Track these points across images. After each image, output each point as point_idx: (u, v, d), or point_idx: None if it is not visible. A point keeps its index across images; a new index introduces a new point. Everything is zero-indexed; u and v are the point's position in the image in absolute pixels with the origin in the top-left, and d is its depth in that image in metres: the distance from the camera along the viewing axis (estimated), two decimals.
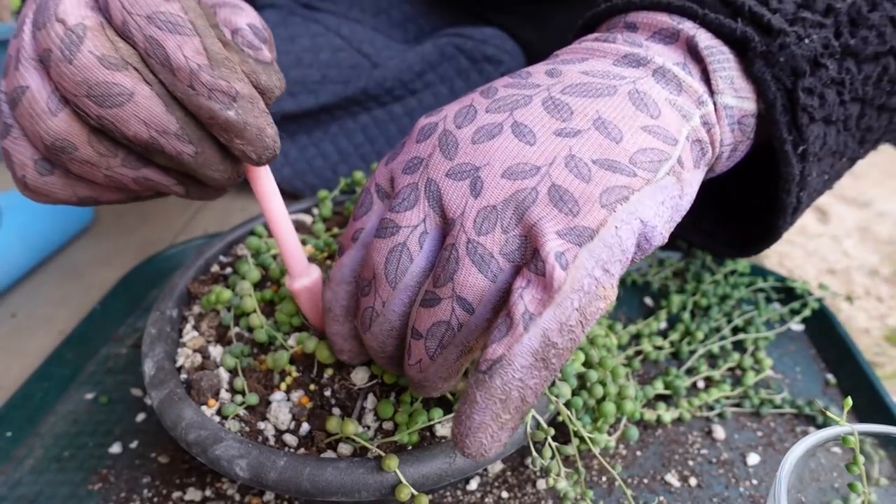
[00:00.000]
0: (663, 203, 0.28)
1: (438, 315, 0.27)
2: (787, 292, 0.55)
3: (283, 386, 0.36)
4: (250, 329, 0.39)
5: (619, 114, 0.29)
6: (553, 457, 0.35)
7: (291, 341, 0.37)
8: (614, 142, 0.28)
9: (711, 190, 0.43)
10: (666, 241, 0.28)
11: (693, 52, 0.32)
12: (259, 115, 0.28)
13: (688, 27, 0.32)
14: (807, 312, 0.52)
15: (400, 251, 0.28)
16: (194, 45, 0.26)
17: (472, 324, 0.27)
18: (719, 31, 0.32)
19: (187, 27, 0.26)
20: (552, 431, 0.34)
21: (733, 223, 0.46)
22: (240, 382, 0.36)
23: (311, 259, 0.43)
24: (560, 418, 0.35)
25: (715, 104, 0.31)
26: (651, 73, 0.31)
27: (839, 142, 0.35)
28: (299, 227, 0.48)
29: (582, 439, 0.36)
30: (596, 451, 0.36)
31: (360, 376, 0.35)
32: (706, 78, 0.32)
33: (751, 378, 0.46)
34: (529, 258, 0.26)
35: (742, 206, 0.46)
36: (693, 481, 0.41)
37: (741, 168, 0.40)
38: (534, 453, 0.34)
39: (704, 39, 0.31)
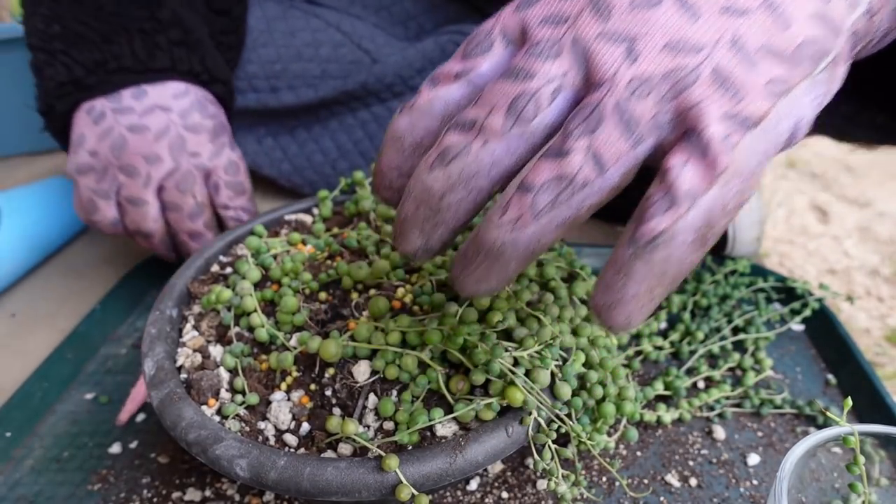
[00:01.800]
0: (814, 99, 0.27)
1: (564, 168, 0.25)
2: (788, 292, 0.55)
3: (284, 386, 0.36)
4: (250, 329, 0.39)
5: None
6: (553, 458, 0.35)
7: (293, 341, 0.37)
8: (782, 27, 0.26)
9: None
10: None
11: None
12: None
13: None
14: (807, 312, 0.52)
15: (528, 99, 0.26)
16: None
17: (597, 185, 0.25)
18: None
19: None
20: (554, 435, 0.34)
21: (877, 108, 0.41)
22: (240, 382, 0.36)
23: (311, 259, 0.43)
24: (555, 425, 0.35)
25: None
26: None
27: None
28: (300, 226, 0.48)
29: (583, 441, 0.36)
30: (595, 451, 0.36)
31: (361, 370, 0.35)
32: None
33: (751, 378, 0.46)
34: (681, 137, 0.25)
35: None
36: (693, 481, 0.41)
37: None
38: (535, 456, 0.34)
39: None
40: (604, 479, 0.41)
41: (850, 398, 0.30)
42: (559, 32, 0.27)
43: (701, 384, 0.48)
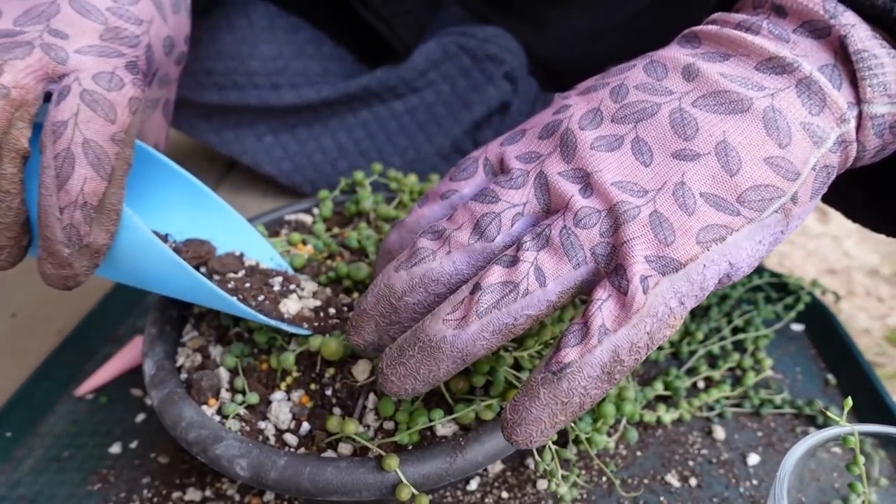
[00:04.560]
0: (761, 241, 0.28)
1: (511, 275, 0.27)
2: (787, 292, 0.55)
3: (284, 385, 0.36)
4: (250, 329, 0.39)
5: (746, 138, 0.28)
6: (553, 459, 0.35)
7: (293, 344, 0.37)
8: (729, 173, 0.27)
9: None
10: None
11: (845, 53, 0.29)
12: (82, 267, 0.31)
13: (840, 23, 0.29)
14: (800, 307, 0.52)
15: (492, 219, 0.29)
16: (96, 186, 0.30)
17: (537, 296, 0.27)
18: (872, 15, 0.29)
19: (105, 170, 0.30)
20: (555, 436, 0.34)
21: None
22: (240, 382, 0.36)
23: (312, 259, 0.43)
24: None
25: (861, 112, 0.29)
26: (795, 83, 0.28)
27: None
28: (300, 226, 0.48)
29: (581, 441, 0.36)
30: (593, 452, 0.36)
31: (360, 369, 0.35)
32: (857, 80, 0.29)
33: (751, 378, 0.46)
34: (612, 271, 0.27)
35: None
36: (693, 481, 0.41)
37: None
38: (535, 456, 0.34)
39: (857, 41, 0.28)
40: (603, 479, 0.41)
41: (849, 398, 0.30)
42: (529, 167, 0.30)
43: (701, 384, 0.48)
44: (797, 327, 0.53)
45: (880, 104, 0.29)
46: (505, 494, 0.39)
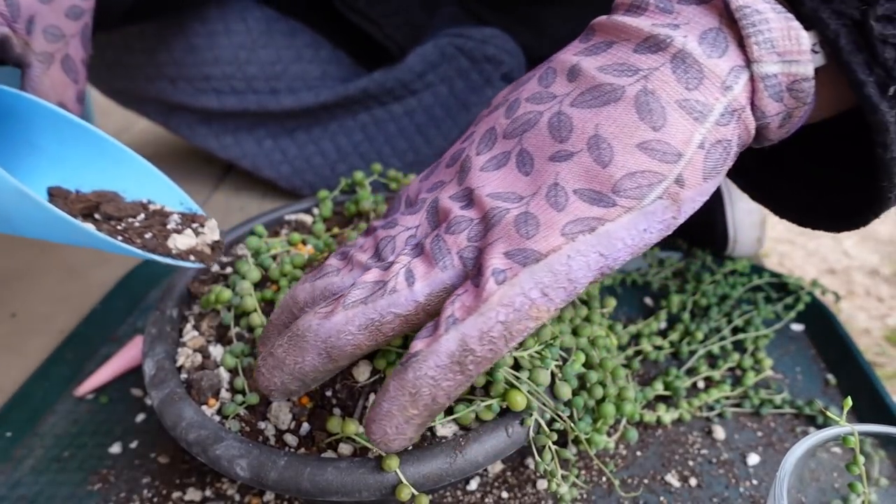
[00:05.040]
0: (646, 230, 0.27)
1: (383, 275, 0.29)
2: (787, 292, 0.55)
3: None
4: (250, 329, 0.39)
5: (618, 127, 0.28)
6: (553, 459, 0.35)
7: None
8: (601, 165, 0.27)
9: (811, 157, 0.38)
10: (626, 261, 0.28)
11: (729, 13, 0.28)
12: None
13: None
14: (800, 307, 0.52)
15: (388, 242, 0.31)
16: None
17: (404, 296, 0.28)
18: None
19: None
20: (555, 436, 0.34)
21: (836, 193, 0.39)
22: (240, 382, 0.36)
23: (312, 260, 0.43)
24: (557, 425, 0.35)
25: (752, 75, 0.28)
26: (669, 59, 0.28)
27: None
28: (299, 226, 0.48)
29: (581, 441, 0.36)
30: (592, 452, 0.36)
31: (361, 370, 0.35)
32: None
33: (751, 378, 0.46)
34: (475, 270, 0.27)
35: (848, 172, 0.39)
36: (693, 481, 0.41)
37: (840, 129, 0.35)
38: (536, 456, 0.34)
39: None
40: (603, 479, 0.41)
41: (849, 398, 0.30)
42: (431, 196, 0.32)
43: (701, 384, 0.48)
44: (797, 327, 0.53)
45: (770, 63, 0.27)
46: (505, 494, 0.39)
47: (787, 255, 0.69)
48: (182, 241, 0.35)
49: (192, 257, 0.35)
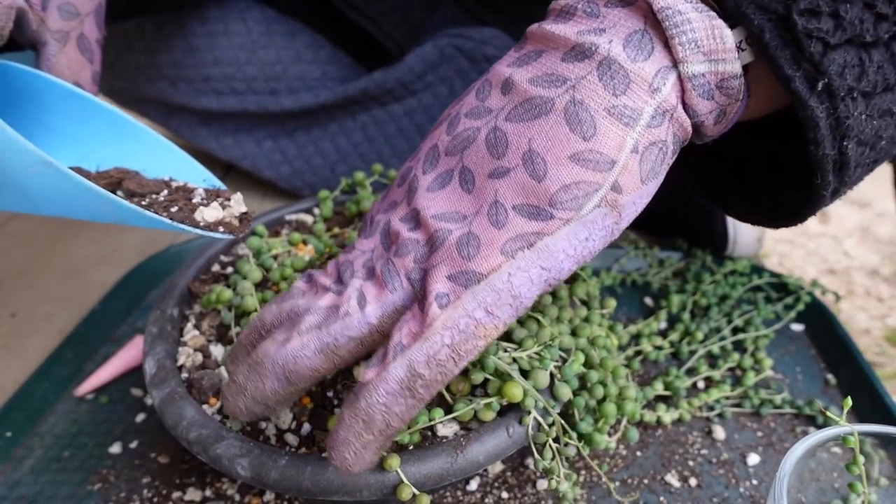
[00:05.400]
0: (588, 238, 0.28)
1: (336, 300, 0.30)
2: (787, 292, 0.55)
3: None
4: None
5: (550, 140, 0.28)
6: (553, 458, 0.35)
7: None
8: (537, 180, 0.28)
9: (750, 149, 0.38)
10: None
11: (654, 15, 0.28)
12: None
13: None
14: (800, 307, 0.52)
15: (347, 266, 0.32)
16: None
17: (356, 319, 0.28)
18: None
19: None
20: (554, 433, 0.34)
21: (777, 190, 0.39)
22: None
23: (312, 259, 0.43)
24: (552, 423, 0.35)
25: (679, 75, 0.28)
26: (595, 67, 0.28)
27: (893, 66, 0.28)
28: (300, 226, 0.48)
29: (581, 441, 0.37)
30: (586, 453, 0.36)
31: (361, 370, 0.35)
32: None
33: (751, 378, 0.46)
34: (422, 296, 0.28)
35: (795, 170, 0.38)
36: (693, 481, 0.41)
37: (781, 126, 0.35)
38: (536, 455, 0.34)
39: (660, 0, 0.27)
40: (604, 479, 0.41)
41: (849, 398, 0.30)
42: (385, 217, 0.33)
43: (701, 384, 0.48)
44: (797, 327, 0.53)
45: (696, 63, 0.27)
46: (505, 494, 0.39)
47: (787, 255, 0.69)
48: (209, 213, 0.35)
49: (220, 229, 0.35)
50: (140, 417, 0.46)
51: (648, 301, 0.56)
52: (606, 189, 0.28)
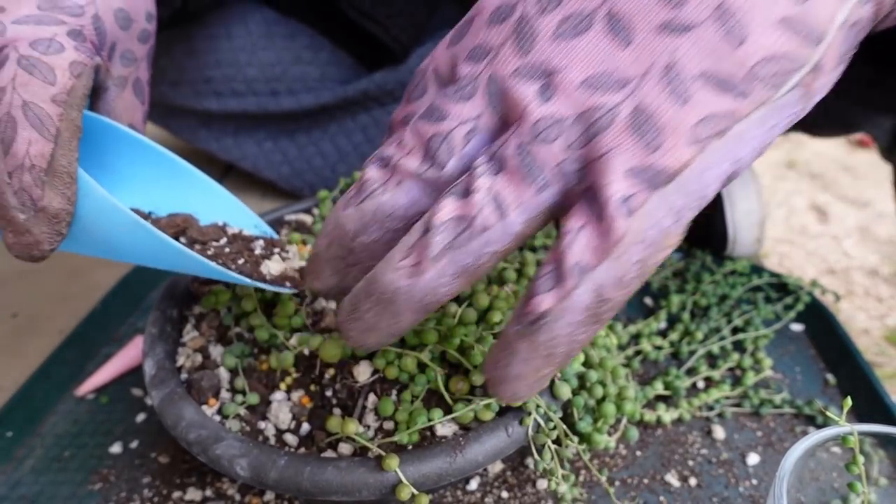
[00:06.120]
0: (774, 127, 0.23)
1: (465, 208, 0.23)
2: (787, 292, 0.55)
3: (284, 386, 0.37)
4: (251, 329, 0.39)
5: None
6: (553, 458, 0.35)
7: (293, 341, 0.37)
8: (733, 45, 0.22)
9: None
10: None
11: None
12: (43, 234, 0.30)
13: None
14: (800, 307, 0.52)
15: (441, 141, 0.25)
16: (42, 148, 0.29)
17: (498, 231, 0.23)
18: None
19: (49, 131, 0.29)
20: (554, 435, 0.34)
21: None
22: (240, 382, 0.36)
23: None
24: (553, 426, 0.35)
25: None
26: None
27: None
28: (300, 226, 0.48)
29: (581, 441, 0.37)
30: (586, 457, 0.36)
31: (361, 369, 0.35)
32: None
33: (750, 378, 0.47)
34: (585, 190, 0.23)
35: None
36: (693, 481, 0.41)
37: None
38: (535, 456, 0.34)
39: None
40: (604, 479, 0.41)
41: (849, 398, 0.30)
42: (478, 69, 0.25)
43: (700, 384, 0.48)
44: (797, 327, 0.53)
45: None
46: (505, 494, 0.40)
47: (787, 255, 0.69)
48: (274, 266, 0.36)
49: (287, 283, 0.36)
50: (140, 417, 0.46)
51: (648, 301, 0.56)
52: (809, 68, 0.22)
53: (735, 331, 0.52)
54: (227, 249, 0.36)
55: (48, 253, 0.31)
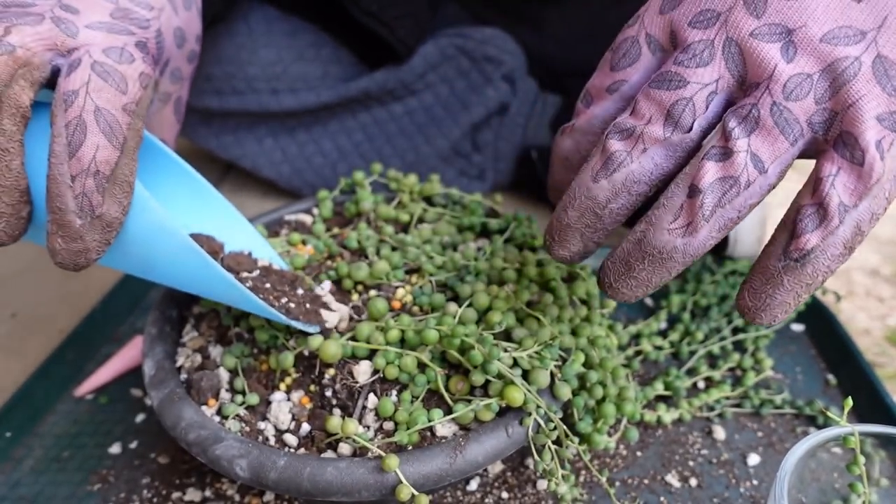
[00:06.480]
0: None
1: (728, 170, 0.25)
2: None
3: (284, 386, 0.36)
4: (250, 329, 0.39)
5: None
6: (553, 459, 0.35)
7: (293, 342, 0.37)
8: None
9: None
10: None
11: None
12: (94, 242, 0.30)
13: None
14: (800, 307, 0.52)
15: (684, 106, 0.27)
16: (109, 155, 0.29)
17: (759, 184, 0.26)
18: None
19: (118, 139, 0.29)
20: (554, 435, 0.34)
21: None
22: (240, 382, 0.36)
23: (312, 260, 0.43)
24: (553, 427, 0.35)
25: None
26: None
27: None
28: (299, 226, 0.48)
29: (581, 441, 0.36)
30: (587, 457, 0.36)
31: (362, 370, 0.35)
32: None
33: (751, 378, 0.46)
34: (836, 138, 0.25)
35: None
36: (693, 482, 0.41)
37: None
38: (535, 456, 0.34)
39: None
40: (604, 479, 0.40)
41: (850, 398, 0.30)
42: (710, 34, 0.26)
43: (701, 384, 0.48)
44: (797, 327, 0.53)
45: None
46: (505, 495, 0.39)
47: None
48: (331, 317, 0.37)
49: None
50: (140, 418, 0.46)
51: (648, 301, 0.56)
52: None
53: (735, 331, 0.52)
54: (266, 284, 0.37)
55: (93, 262, 0.31)
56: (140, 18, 0.34)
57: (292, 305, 0.36)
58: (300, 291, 0.38)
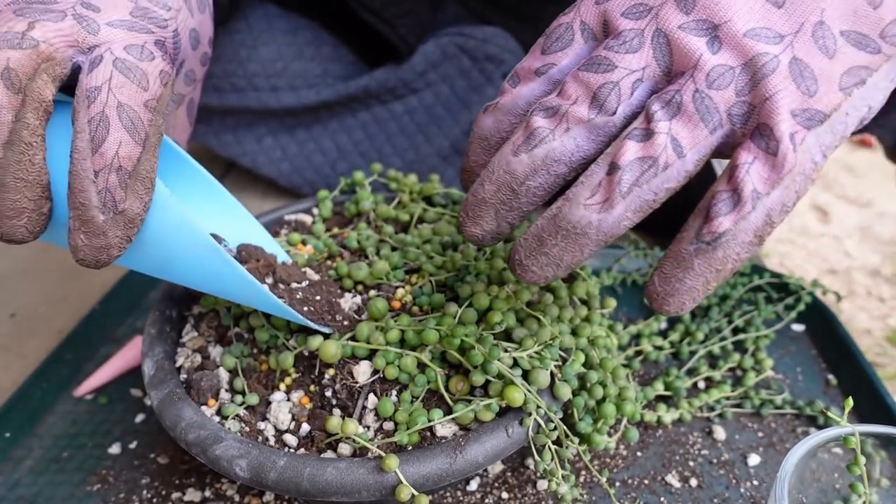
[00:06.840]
0: (893, 80, 0.26)
1: (648, 150, 0.26)
2: (787, 292, 0.55)
3: (283, 386, 0.36)
4: (250, 329, 0.39)
5: None
6: (553, 459, 0.35)
7: (293, 342, 0.37)
8: (872, 6, 0.26)
9: None
10: None
11: None
12: (116, 238, 0.30)
13: None
14: (801, 307, 0.52)
15: (610, 89, 0.27)
16: (131, 151, 0.29)
17: (676, 168, 0.26)
18: None
19: (140, 135, 0.29)
20: (554, 436, 0.34)
21: None
22: (240, 382, 0.36)
23: (311, 259, 0.43)
24: (554, 427, 0.35)
25: None
26: None
27: None
28: (299, 226, 0.48)
29: (572, 443, 0.36)
30: (587, 457, 0.36)
31: (362, 370, 0.35)
32: None
33: (751, 378, 0.46)
34: (753, 130, 0.26)
35: None
36: (694, 482, 0.40)
37: None
38: (535, 456, 0.34)
39: None
40: (604, 479, 0.40)
41: (850, 398, 0.30)
42: (641, 24, 0.27)
43: (701, 384, 0.47)
44: (798, 327, 0.53)
45: None
46: (505, 495, 0.39)
47: (788, 255, 0.69)
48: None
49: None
50: (139, 418, 0.46)
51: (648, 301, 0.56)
52: None
53: (736, 331, 0.52)
54: (317, 297, 0.37)
55: (114, 259, 0.31)
56: (158, 18, 0.34)
57: (312, 308, 0.36)
58: (318, 298, 0.38)
